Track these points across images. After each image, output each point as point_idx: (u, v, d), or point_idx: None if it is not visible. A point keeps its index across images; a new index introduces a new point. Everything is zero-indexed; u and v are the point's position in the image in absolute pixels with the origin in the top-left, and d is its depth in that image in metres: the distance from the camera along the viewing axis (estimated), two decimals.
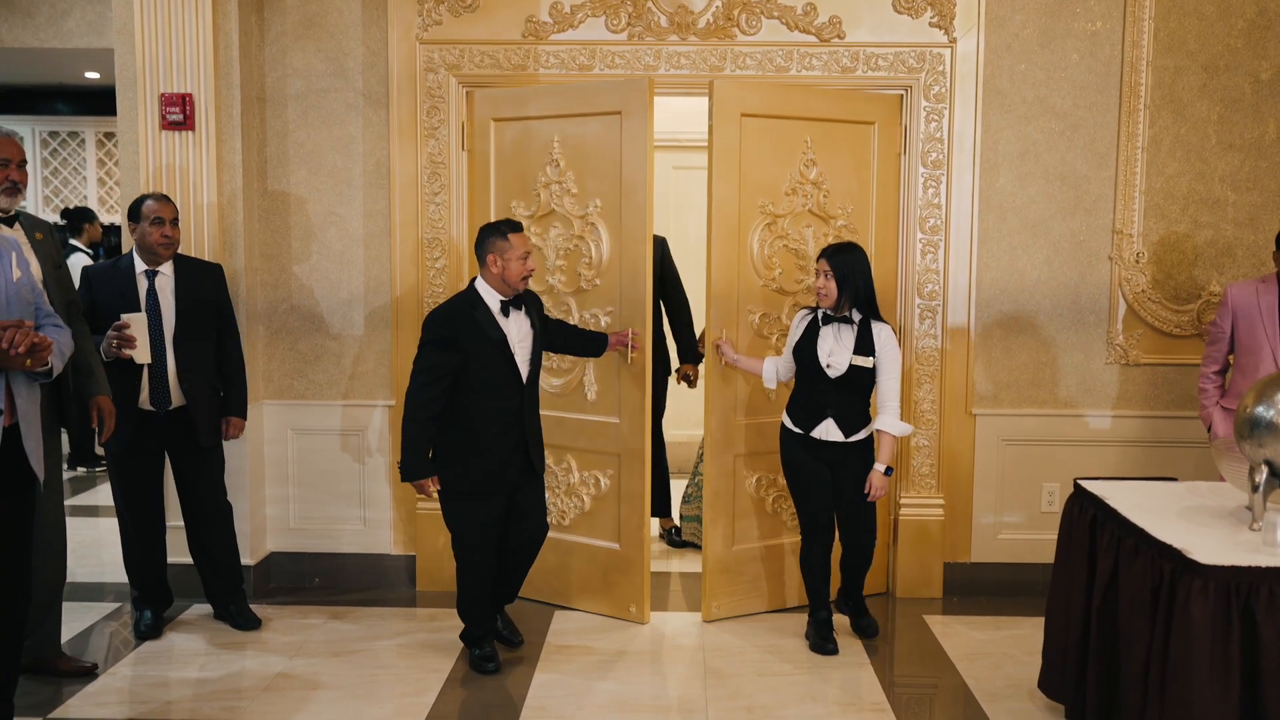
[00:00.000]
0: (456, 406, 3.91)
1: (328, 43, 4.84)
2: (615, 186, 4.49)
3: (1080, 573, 3.40)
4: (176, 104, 4.57)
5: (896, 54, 4.78)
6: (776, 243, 4.66)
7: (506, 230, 3.96)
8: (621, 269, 4.55)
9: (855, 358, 4.12)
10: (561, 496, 4.81)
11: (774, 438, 4.48)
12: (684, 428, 7.28)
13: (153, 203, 4.24)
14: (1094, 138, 4.82)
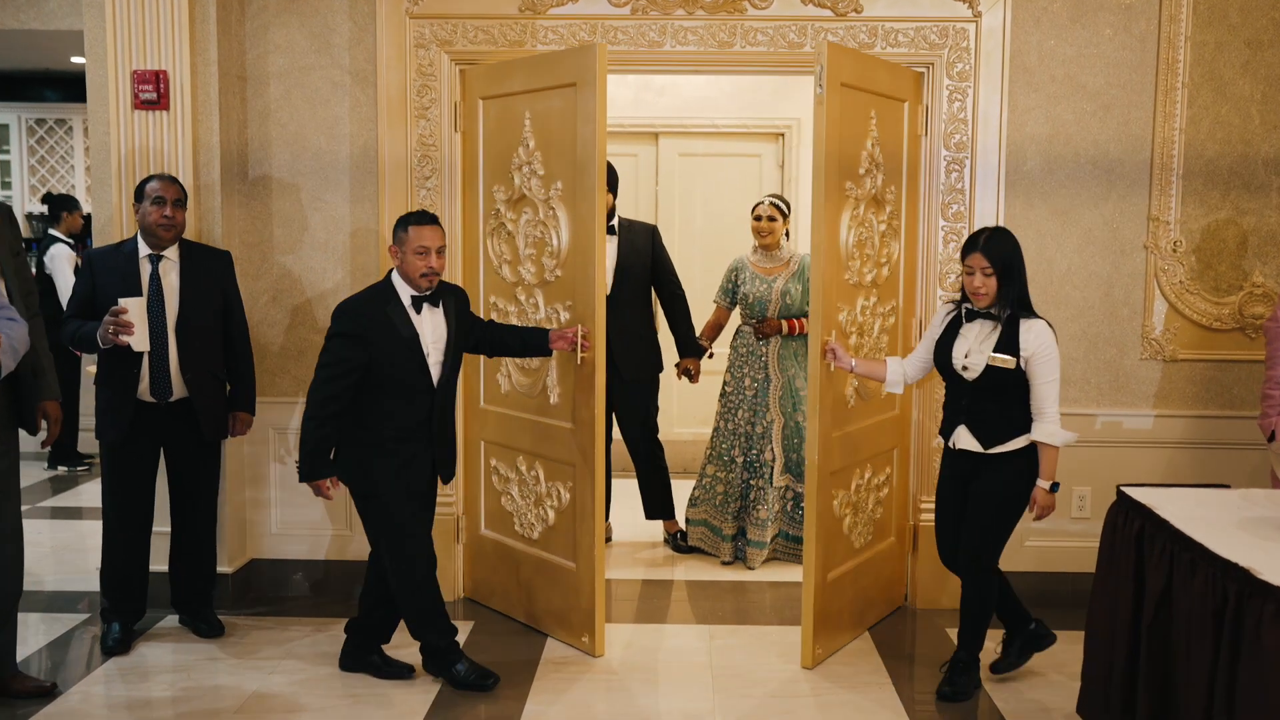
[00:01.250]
0: (362, 404, 3.66)
1: (312, 18, 4.55)
2: (573, 167, 4.08)
3: (1126, 589, 3.10)
4: (150, 82, 4.28)
5: (917, 29, 4.47)
6: (860, 230, 4.23)
7: (409, 221, 3.67)
8: (576, 258, 4.14)
9: (994, 356, 3.59)
10: (532, 506, 4.45)
11: (848, 450, 4.24)
12: (689, 425, 7.01)
13: (155, 183, 4.04)
14: (1128, 119, 4.51)
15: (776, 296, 5.18)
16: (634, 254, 5.21)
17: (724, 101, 6.92)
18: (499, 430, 4.56)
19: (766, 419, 5.18)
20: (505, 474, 4.54)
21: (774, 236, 5.21)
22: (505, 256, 4.41)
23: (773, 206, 5.21)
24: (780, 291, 5.17)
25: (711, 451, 5.35)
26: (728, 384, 5.33)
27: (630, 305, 5.21)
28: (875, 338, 4.42)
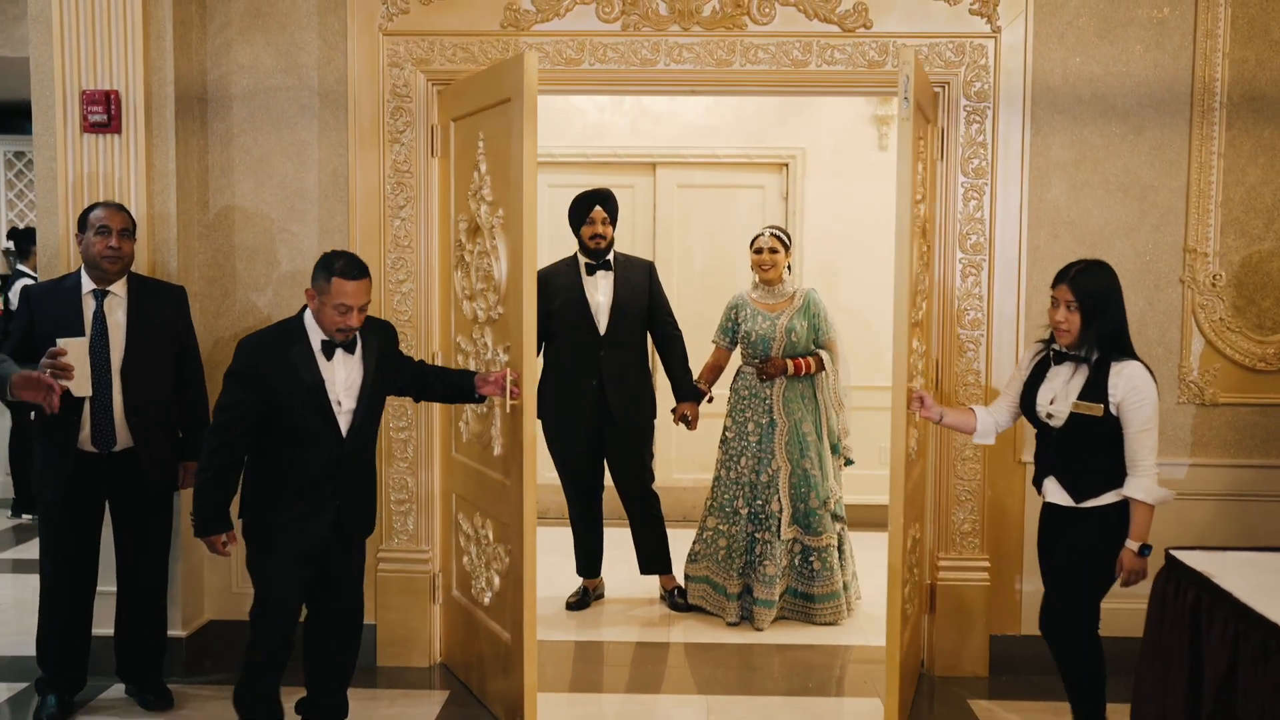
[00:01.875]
0: (265, 451, 3.32)
1: (279, 35, 4.22)
2: (508, 190, 3.68)
3: (1180, 670, 2.71)
4: (100, 103, 3.95)
5: (932, 46, 4.13)
6: (917, 263, 3.86)
7: (332, 272, 3.25)
8: (513, 293, 3.69)
9: (1080, 404, 3.26)
10: (483, 568, 4.03)
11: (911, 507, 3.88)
12: (689, 471, 6.63)
13: (100, 210, 3.70)
14: (1161, 141, 4.15)
15: (780, 334, 4.83)
16: (630, 291, 4.91)
17: (725, 130, 6.59)
18: (463, 482, 4.20)
19: (772, 467, 4.79)
20: (465, 530, 4.17)
21: (776, 270, 4.87)
22: (465, 291, 4.06)
23: (774, 238, 4.88)
24: (784, 329, 4.82)
25: (712, 503, 4.96)
26: (729, 429, 4.96)
27: (625, 346, 4.91)
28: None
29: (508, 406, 3.60)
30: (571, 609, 5.06)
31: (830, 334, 4.87)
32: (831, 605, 4.80)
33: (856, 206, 6.51)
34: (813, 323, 4.82)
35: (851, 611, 4.92)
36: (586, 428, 4.88)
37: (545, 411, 4.87)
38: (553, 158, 6.57)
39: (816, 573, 4.79)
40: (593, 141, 6.61)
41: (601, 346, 4.85)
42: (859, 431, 5.31)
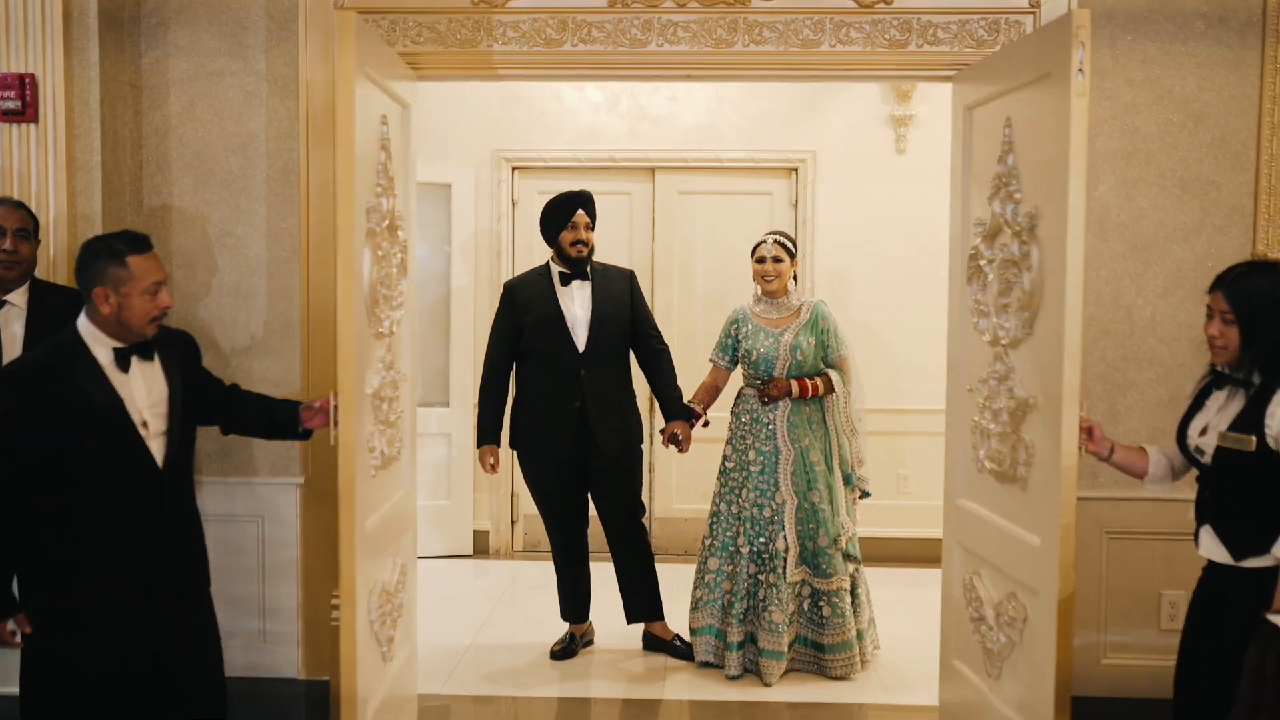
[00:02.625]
0: (55, 506, 2.67)
1: (221, 13, 3.76)
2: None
3: None
4: (13, 87, 3.49)
5: (961, 23, 3.65)
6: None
7: (125, 251, 2.71)
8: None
9: (1228, 435, 2.68)
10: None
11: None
12: (690, 501, 6.11)
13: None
14: (1226, 130, 3.65)
15: (785, 352, 4.32)
16: (610, 303, 4.42)
17: (729, 132, 6.09)
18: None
19: (776, 500, 4.27)
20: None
21: (780, 281, 4.37)
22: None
23: (778, 245, 4.36)
24: (789, 346, 4.32)
25: (712, 541, 4.40)
26: (728, 458, 4.43)
27: (606, 364, 4.41)
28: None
29: (333, 438, 3.02)
30: (556, 658, 4.53)
31: (841, 351, 4.38)
32: (844, 656, 4.26)
33: (872, 214, 6.00)
34: (821, 339, 4.35)
35: (867, 663, 4.37)
36: (567, 457, 4.39)
37: (520, 440, 4.40)
38: (544, 162, 6.11)
39: (827, 620, 4.25)
40: (587, 145, 6.12)
41: (581, 365, 4.35)
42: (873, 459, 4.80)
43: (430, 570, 5.86)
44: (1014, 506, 3.19)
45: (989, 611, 3.33)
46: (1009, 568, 3.20)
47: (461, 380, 6.09)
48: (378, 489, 3.29)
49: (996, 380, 3.27)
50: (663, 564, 5.87)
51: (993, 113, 3.29)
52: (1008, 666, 3.24)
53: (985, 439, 3.34)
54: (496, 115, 6.09)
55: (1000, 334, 3.23)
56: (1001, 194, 3.21)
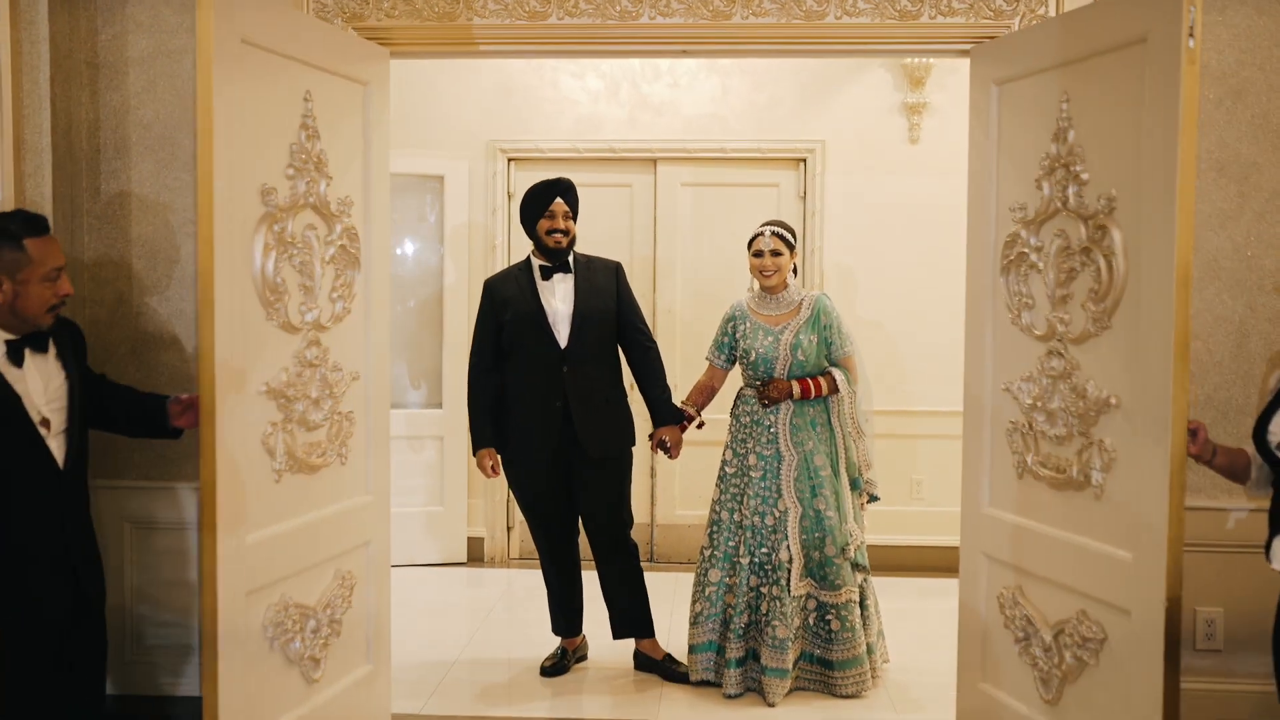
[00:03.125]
0: None
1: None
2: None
3: None
4: None
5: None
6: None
7: (22, 234, 2.54)
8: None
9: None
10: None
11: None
12: (694, 508, 5.85)
13: None
14: (1269, 108, 3.36)
15: (785, 351, 4.05)
16: (595, 297, 4.14)
17: (734, 121, 5.83)
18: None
19: (778, 508, 3.99)
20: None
21: (779, 275, 4.10)
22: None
23: (775, 237, 4.09)
24: (789, 345, 4.05)
25: (712, 551, 4.11)
26: (728, 463, 4.16)
27: (591, 361, 4.12)
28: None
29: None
30: (546, 674, 4.26)
31: (846, 349, 4.11)
32: (854, 674, 3.98)
33: (883, 207, 5.73)
34: (824, 336, 4.09)
35: (878, 679, 4.10)
36: (552, 459, 4.11)
37: (504, 442, 4.15)
38: (541, 153, 5.86)
39: (835, 634, 3.97)
40: (585, 135, 5.86)
41: (563, 362, 4.07)
42: (884, 463, 4.52)
43: (421, 579, 5.63)
44: (1081, 516, 2.94)
45: (1044, 631, 3.07)
46: (1077, 583, 2.96)
47: (454, 381, 5.82)
48: (291, 496, 3.06)
49: (1051, 378, 3.03)
50: (665, 573, 5.72)
51: (1041, 87, 3.03)
52: (1074, 691, 3.00)
53: (1033, 442, 3.10)
54: (491, 104, 5.84)
55: (1059, 327, 2.99)
56: (1057, 175, 2.97)
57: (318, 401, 3.15)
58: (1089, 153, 2.88)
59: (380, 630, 3.50)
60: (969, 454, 3.40)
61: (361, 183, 3.31)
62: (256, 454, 2.93)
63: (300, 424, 3.08)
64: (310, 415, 3.12)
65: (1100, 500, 2.88)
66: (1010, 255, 3.16)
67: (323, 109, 3.11)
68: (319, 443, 3.17)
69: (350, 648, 3.36)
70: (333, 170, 3.15)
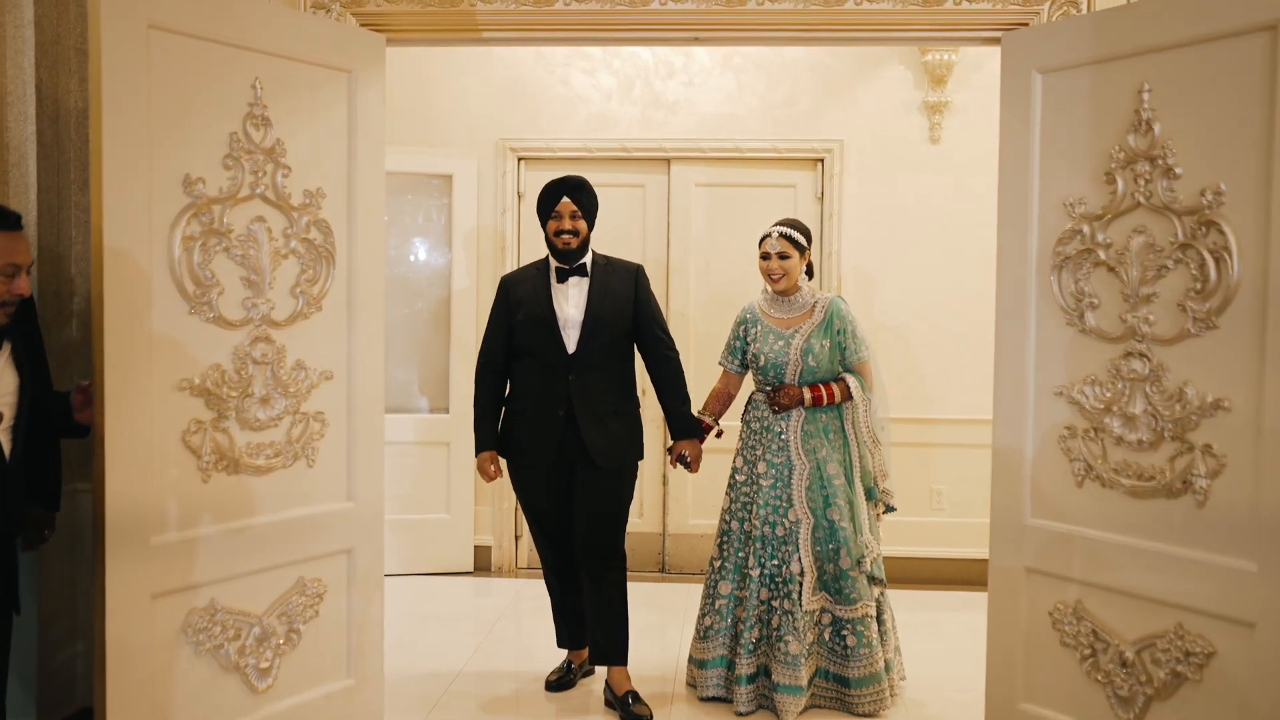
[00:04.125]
0: None
1: None
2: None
3: None
4: None
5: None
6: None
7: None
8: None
9: None
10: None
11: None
12: (707, 516, 5.70)
13: None
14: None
15: (795, 356, 3.89)
16: (610, 302, 3.92)
17: (750, 120, 5.68)
18: None
19: (789, 518, 3.83)
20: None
21: (789, 279, 3.92)
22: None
23: (783, 239, 3.91)
24: (800, 349, 3.89)
25: (722, 562, 3.96)
26: (738, 470, 3.99)
27: (599, 369, 3.90)
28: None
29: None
30: (551, 689, 4.10)
31: (861, 354, 3.94)
32: (872, 691, 3.80)
33: (903, 208, 5.58)
34: (837, 340, 3.92)
35: (896, 697, 3.92)
36: (555, 469, 3.93)
37: (509, 448, 4.00)
38: (552, 152, 5.73)
39: (852, 650, 3.79)
40: (597, 133, 5.72)
41: (570, 369, 3.86)
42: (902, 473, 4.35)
43: (427, 588, 5.48)
44: (1176, 525, 2.84)
45: (1123, 647, 2.95)
46: (1170, 595, 2.85)
47: (462, 386, 5.68)
48: (225, 497, 3.00)
49: (1130, 381, 2.91)
50: (677, 584, 5.56)
51: (1106, 76, 2.91)
52: (1164, 709, 2.89)
53: (1103, 448, 2.96)
54: (501, 101, 5.71)
55: (1143, 327, 2.87)
56: (1139, 168, 2.85)
57: (266, 400, 3.06)
58: (1180, 145, 2.76)
59: (366, 643, 3.38)
60: (1003, 462, 3.24)
61: (345, 174, 3.21)
62: (175, 452, 2.86)
63: (239, 423, 2.99)
64: (255, 414, 3.03)
65: (1204, 508, 2.77)
66: (1066, 252, 3.03)
67: (279, 97, 3.01)
68: (270, 443, 3.08)
69: (316, 658, 3.25)
70: (292, 160, 3.06)
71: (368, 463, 3.36)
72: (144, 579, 2.78)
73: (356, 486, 3.34)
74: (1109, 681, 3.00)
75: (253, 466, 3.04)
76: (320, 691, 3.27)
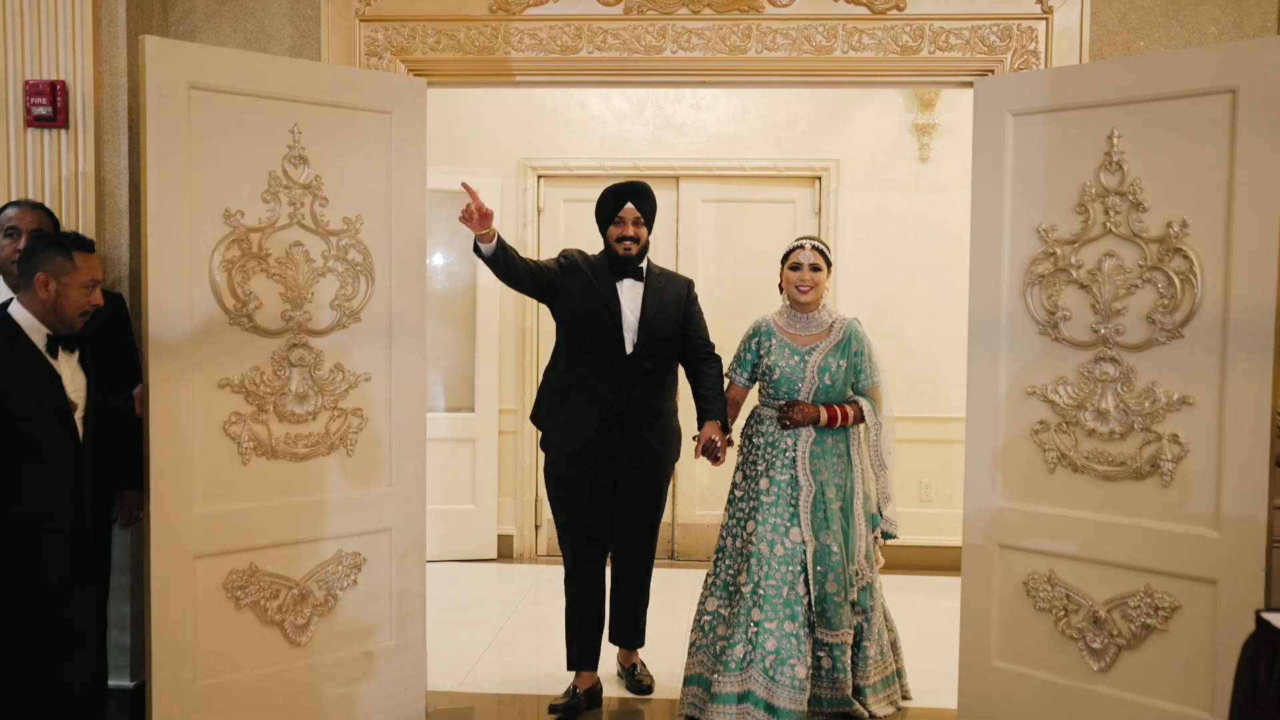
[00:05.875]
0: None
1: (247, 21, 3.84)
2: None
3: None
4: (45, 94, 3.57)
5: (973, 29, 3.66)
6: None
7: (72, 246, 2.96)
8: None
9: None
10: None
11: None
12: (714, 508, 6.12)
13: (12, 210, 3.37)
14: None
15: (811, 373, 3.81)
16: (662, 311, 3.97)
17: (753, 140, 6.13)
18: None
19: (790, 539, 3.78)
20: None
21: (817, 292, 3.84)
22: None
23: (816, 252, 3.83)
24: (817, 368, 3.81)
25: (714, 579, 3.91)
26: (737, 486, 3.94)
27: (650, 372, 3.97)
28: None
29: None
30: (555, 712, 4.00)
31: (875, 378, 3.90)
32: (843, 713, 3.81)
33: (895, 223, 6.01)
34: (854, 362, 3.86)
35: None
36: (605, 464, 3.97)
37: (558, 443, 4.01)
38: (569, 170, 6.17)
39: (826, 672, 3.79)
40: (611, 153, 6.17)
41: (627, 368, 3.91)
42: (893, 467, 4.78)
43: (455, 573, 5.93)
44: (1144, 502, 3.34)
45: (1096, 606, 3.44)
46: (1138, 560, 3.34)
47: (486, 386, 6.16)
48: (263, 479, 3.48)
49: (1101, 381, 3.39)
50: (685, 570, 5.99)
51: (1077, 122, 3.38)
52: (1134, 657, 3.38)
53: (1078, 439, 3.45)
54: (521, 123, 6.16)
55: (1114, 336, 3.35)
56: (1110, 201, 3.33)
57: (302, 397, 3.52)
58: (1149, 183, 3.25)
59: (408, 611, 3.82)
60: (976, 454, 3.67)
61: (384, 202, 3.64)
62: (216, 439, 3.37)
63: (277, 416, 3.48)
64: (292, 409, 3.50)
65: (1169, 488, 3.28)
66: (1039, 271, 3.48)
67: (317, 138, 3.48)
68: (307, 434, 3.55)
69: (354, 622, 3.70)
70: (330, 192, 3.51)
71: (408, 454, 3.79)
72: (185, 542, 3.30)
73: (396, 474, 3.76)
74: (1081, 637, 3.45)
75: (290, 454, 3.51)
76: (357, 650, 3.70)
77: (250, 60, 3.41)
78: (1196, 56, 3.19)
